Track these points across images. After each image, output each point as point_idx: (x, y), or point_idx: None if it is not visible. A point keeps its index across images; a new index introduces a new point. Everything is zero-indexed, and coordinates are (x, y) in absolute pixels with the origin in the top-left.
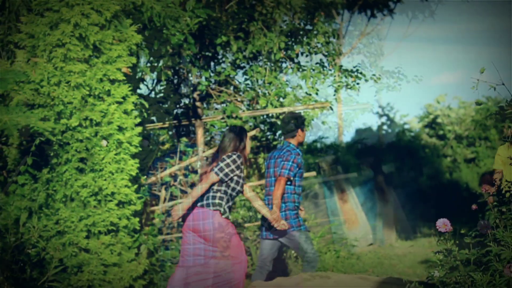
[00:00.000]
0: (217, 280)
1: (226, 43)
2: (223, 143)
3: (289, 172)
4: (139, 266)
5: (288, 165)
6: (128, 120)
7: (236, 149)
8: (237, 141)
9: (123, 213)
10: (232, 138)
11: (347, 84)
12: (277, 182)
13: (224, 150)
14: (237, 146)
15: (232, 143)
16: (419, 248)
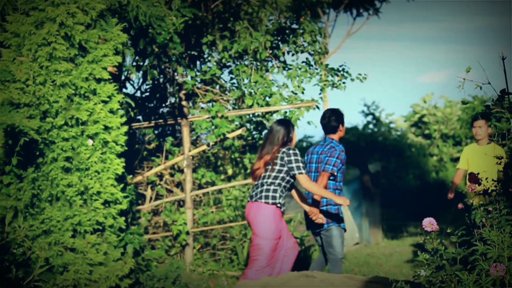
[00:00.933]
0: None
1: (212, 42)
2: (272, 136)
3: (333, 168)
4: (125, 265)
5: (332, 161)
6: (114, 119)
7: (285, 142)
8: (285, 134)
9: (109, 212)
10: (281, 131)
11: (333, 83)
12: (321, 177)
13: (273, 143)
14: (286, 139)
15: (281, 136)
16: (405, 247)
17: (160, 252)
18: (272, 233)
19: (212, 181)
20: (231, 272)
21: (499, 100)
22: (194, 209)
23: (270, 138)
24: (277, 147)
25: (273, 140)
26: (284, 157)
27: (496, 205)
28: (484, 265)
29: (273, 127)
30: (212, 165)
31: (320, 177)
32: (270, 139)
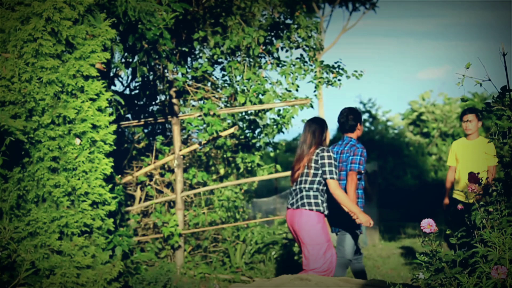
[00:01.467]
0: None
1: (203, 38)
2: (306, 136)
3: (359, 166)
4: (113, 268)
5: (357, 159)
6: (102, 118)
7: (320, 142)
8: (320, 134)
9: (97, 214)
10: (316, 130)
11: (328, 80)
12: (349, 177)
13: (309, 143)
14: (321, 139)
15: (316, 136)
16: (403, 249)
17: (150, 255)
18: (321, 238)
19: (203, 182)
20: (223, 275)
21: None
22: (185, 210)
23: (304, 138)
24: (313, 148)
25: (308, 140)
26: (318, 159)
27: (497, 205)
28: (484, 268)
29: (306, 126)
30: (204, 164)
31: (349, 177)
32: (304, 139)
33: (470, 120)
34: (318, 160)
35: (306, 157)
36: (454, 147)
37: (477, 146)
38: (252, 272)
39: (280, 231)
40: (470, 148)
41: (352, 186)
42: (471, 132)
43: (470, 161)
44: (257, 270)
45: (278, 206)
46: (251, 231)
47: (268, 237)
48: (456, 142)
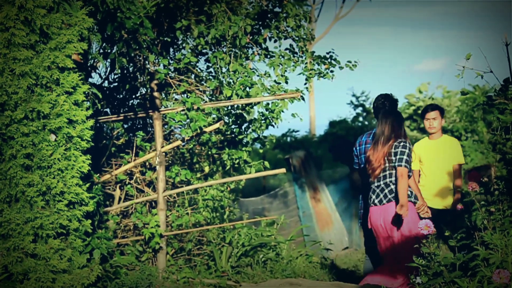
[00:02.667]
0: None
1: (186, 28)
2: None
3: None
4: (91, 273)
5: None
6: (79, 112)
7: (399, 134)
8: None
9: (73, 215)
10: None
11: (319, 72)
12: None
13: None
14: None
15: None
16: None
17: (130, 258)
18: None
19: (187, 180)
20: (208, 279)
21: (502, 90)
22: (168, 211)
23: (381, 130)
24: (392, 141)
25: (386, 132)
26: (398, 152)
27: (499, 205)
28: (486, 272)
29: (382, 118)
30: (187, 162)
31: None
32: (381, 132)
33: (434, 118)
34: (397, 153)
35: (385, 151)
36: (416, 148)
37: (441, 146)
38: (239, 277)
39: (268, 232)
40: (434, 148)
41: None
42: (435, 130)
43: (435, 162)
44: (244, 274)
45: (267, 206)
46: (238, 232)
47: (256, 239)
48: (418, 144)
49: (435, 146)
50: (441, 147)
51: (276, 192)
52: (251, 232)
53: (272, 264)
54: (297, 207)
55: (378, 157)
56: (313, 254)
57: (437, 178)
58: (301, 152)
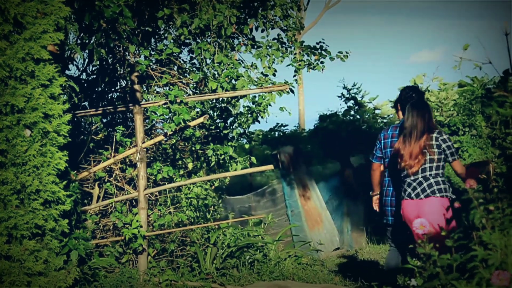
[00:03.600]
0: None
1: (168, 17)
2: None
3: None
4: (68, 275)
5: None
6: (55, 106)
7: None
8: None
9: (50, 214)
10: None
11: (309, 63)
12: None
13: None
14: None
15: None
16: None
17: (110, 260)
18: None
19: (169, 177)
20: (191, 282)
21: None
22: (149, 210)
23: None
24: (427, 134)
25: (419, 125)
26: (441, 144)
27: (498, 203)
28: (484, 273)
29: (411, 111)
30: (170, 158)
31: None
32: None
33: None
34: (440, 145)
35: (421, 144)
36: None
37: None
38: (224, 279)
39: (255, 232)
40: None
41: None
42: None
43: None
44: (230, 276)
45: (253, 204)
46: (223, 232)
47: (242, 240)
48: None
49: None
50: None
51: (263, 190)
52: (237, 232)
53: (259, 266)
54: (285, 206)
55: (414, 152)
56: (302, 255)
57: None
58: (290, 147)
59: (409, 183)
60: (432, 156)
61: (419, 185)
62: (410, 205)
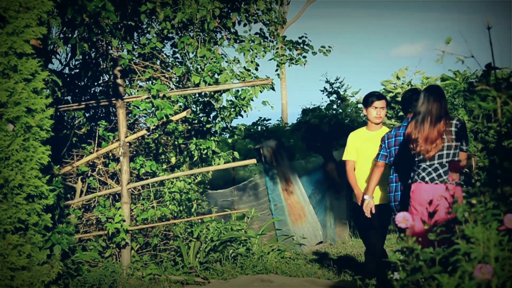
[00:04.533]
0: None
1: (151, 11)
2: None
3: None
4: (51, 269)
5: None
6: (38, 100)
7: (447, 112)
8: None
9: (33, 208)
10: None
11: (291, 58)
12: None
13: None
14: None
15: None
16: None
17: (93, 254)
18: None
19: (152, 172)
20: (175, 276)
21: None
22: (132, 204)
23: (428, 108)
24: (444, 119)
25: (435, 110)
26: (459, 131)
27: (481, 197)
28: (467, 267)
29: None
30: (153, 153)
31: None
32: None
33: (382, 107)
34: (459, 132)
35: (440, 129)
36: (355, 138)
37: (378, 138)
38: (208, 273)
39: (238, 226)
40: (374, 140)
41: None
42: (381, 121)
43: (371, 156)
44: (213, 270)
45: (236, 198)
46: (206, 227)
47: (225, 234)
48: (356, 134)
49: (375, 138)
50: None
51: (246, 184)
52: (220, 226)
53: (242, 260)
54: (268, 200)
55: (431, 137)
56: (285, 249)
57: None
58: (273, 141)
59: (424, 168)
60: (450, 142)
61: (434, 170)
62: (423, 189)
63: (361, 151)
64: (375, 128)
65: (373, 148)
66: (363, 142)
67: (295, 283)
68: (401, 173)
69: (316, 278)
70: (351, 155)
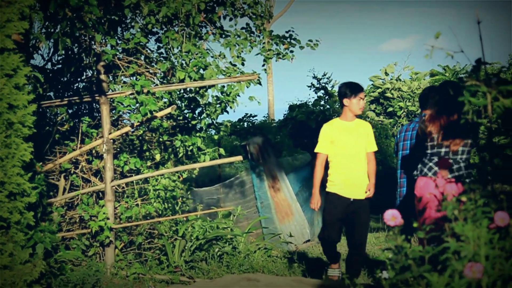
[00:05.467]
0: None
1: (135, 5)
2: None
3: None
4: (34, 268)
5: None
6: (20, 96)
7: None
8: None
9: (15, 206)
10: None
11: (278, 53)
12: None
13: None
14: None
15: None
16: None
17: (76, 253)
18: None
19: (136, 169)
20: (159, 275)
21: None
22: (116, 202)
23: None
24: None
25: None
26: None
27: (471, 194)
28: (457, 265)
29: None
30: (137, 150)
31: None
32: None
33: (362, 98)
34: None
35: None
36: (329, 130)
37: (355, 129)
38: (193, 272)
39: (224, 224)
40: (351, 131)
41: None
42: (362, 111)
43: (350, 147)
44: (199, 269)
45: (222, 196)
46: (192, 225)
47: (211, 232)
48: (330, 125)
49: (352, 129)
50: (355, 131)
51: (232, 181)
52: (205, 224)
53: (228, 259)
54: (255, 197)
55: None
56: (272, 247)
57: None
58: (259, 138)
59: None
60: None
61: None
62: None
63: (339, 143)
64: (353, 119)
65: (352, 139)
66: (340, 133)
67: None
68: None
69: (303, 277)
70: (325, 147)
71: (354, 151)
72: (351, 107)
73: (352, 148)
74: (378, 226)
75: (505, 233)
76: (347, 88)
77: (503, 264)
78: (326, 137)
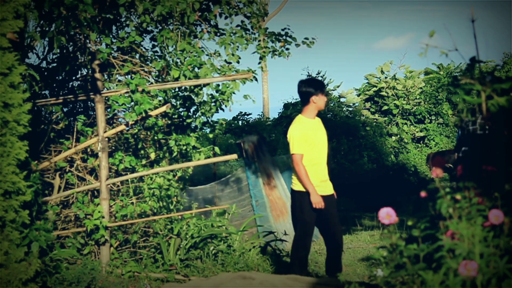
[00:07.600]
0: None
1: (130, 4)
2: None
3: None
4: (29, 267)
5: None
6: (15, 95)
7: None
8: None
9: (10, 205)
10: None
11: (274, 50)
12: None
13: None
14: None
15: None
16: (360, 243)
17: (72, 251)
18: None
19: (131, 167)
20: (155, 273)
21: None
22: (111, 200)
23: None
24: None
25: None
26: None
27: (466, 192)
28: (451, 263)
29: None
30: (132, 148)
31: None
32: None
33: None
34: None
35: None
36: (304, 128)
37: (319, 125)
38: (188, 270)
39: (219, 223)
40: (319, 128)
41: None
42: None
43: (321, 144)
44: (194, 267)
45: (217, 194)
46: (187, 223)
47: (206, 230)
48: (303, 124)
49: (317, 125)
50: (320, 127)
51: (227, 179)
52: (200, 222)
53: (223, 257)
54: (250, 196)
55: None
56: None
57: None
58: (254, 136)
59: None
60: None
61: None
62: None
63: (315, 140)
64: (315, 115)
65: (320, 135)
66: (314, 131)
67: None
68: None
69: (298, 275)
70: (303, 147)
71: (323, 147)
72: (319, 103)
73: (322, 145)
74: (373, 224)
75: (499, 231)
76: (314, 86)
77: (498, 262)
78: (303, 137)
